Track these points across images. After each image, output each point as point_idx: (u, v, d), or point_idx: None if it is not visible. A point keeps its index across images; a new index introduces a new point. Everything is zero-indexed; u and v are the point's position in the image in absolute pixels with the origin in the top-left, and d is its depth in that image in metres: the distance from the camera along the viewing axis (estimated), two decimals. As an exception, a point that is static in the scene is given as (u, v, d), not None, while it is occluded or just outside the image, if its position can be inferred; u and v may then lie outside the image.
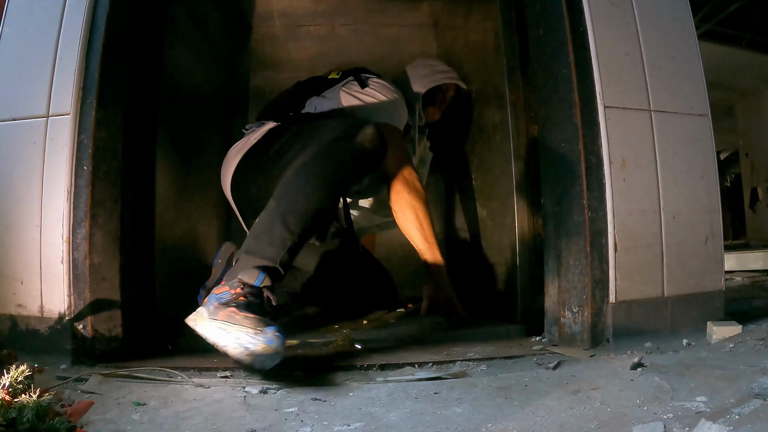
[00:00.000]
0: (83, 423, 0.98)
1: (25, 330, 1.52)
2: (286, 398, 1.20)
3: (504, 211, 2.09)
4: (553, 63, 1.67)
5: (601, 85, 1.61)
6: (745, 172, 5.83)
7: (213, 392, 1.24)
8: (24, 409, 0.85)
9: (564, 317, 1.62)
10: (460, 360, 1.50)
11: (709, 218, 1.71)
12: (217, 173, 2.13)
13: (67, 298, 1.49)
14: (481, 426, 1.01)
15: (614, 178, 1.59)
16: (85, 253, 1.50)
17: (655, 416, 1.00)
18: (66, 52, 1.57)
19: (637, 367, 1.30)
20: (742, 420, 0.94)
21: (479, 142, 2.42)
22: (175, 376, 1.37)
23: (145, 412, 1.10)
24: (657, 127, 1.66)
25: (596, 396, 1.14)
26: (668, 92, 1.70)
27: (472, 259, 2.62)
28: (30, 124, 1.56)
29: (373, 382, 1.33)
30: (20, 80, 1.60)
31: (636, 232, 1.60)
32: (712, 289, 1.70)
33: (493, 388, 1.23)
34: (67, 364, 1.46)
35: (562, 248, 1.62)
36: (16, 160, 1.57)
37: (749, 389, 1.08)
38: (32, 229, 1.53)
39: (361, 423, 1.04)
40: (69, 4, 1.60)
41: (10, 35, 1.64)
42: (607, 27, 1.65)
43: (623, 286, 1.58)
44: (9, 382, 0.92)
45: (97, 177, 1.53)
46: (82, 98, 1.55)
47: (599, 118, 1.60)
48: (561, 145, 1.64)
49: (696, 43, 1.76)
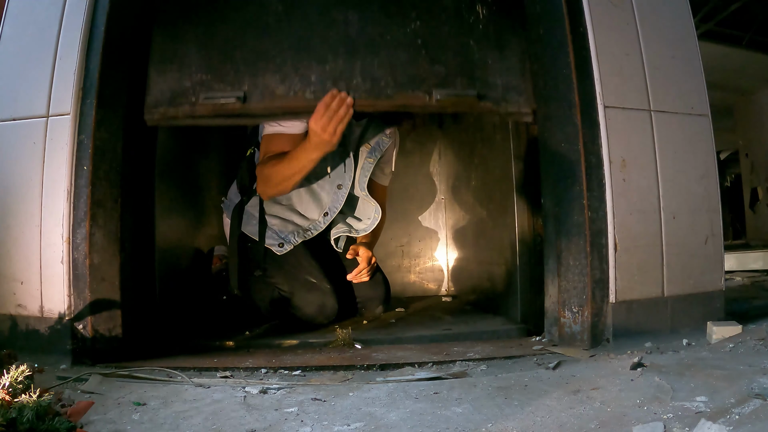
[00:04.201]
0: (83, 423, 0.98)
1: (25, 330, 1.52)
2: (286, 398, 1.20)
3: (504, 211, 2.09)
4: (553, 63, 1.67)
5: (601, 85, 1.61)
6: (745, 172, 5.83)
7: (213, 392, 1.24)
8: (24, 409, 0.85)
9: (564, 317, 1.62)
10: (460, 360, 1.50)
11: (709, 218, 1.71)
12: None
13: (67, 298, 1.49)
14: (481, 426, 1.01)
15: (614, 178, 1.59)
16: (85, 253, 1.50)
17: (655, 416, 1.00)
18: (66, 52, 1.57)
19: (637, 367, 1.30)
20: (742, 420, 0.94)
21: (479, 142, 2.42)
22: (175, 376, 1.37)
23: (145, 412, 1.10)
24: (657, 127, 1.66)
25: (596, 396, 1.14)
26: (668, 92, 1.70)
27: (472, 259, 2.62)
28: (30, 124, 1.56)
29: (373, 382, 1.33)
30: (20, 80, 1.60)
31: (636, 232, 1.60)
32: (712, 289, 1.70)
33: (493, 388, 1.23)
34: (67, 364, 1.46)
35: (562, 248, 1.62)
36: (16, 160, 1.57)
37: (749, 389, 1.09)
38: (32, 229, 1.53)
39: (361, 423, 1.04)
40: (69, 4, 1.60)
41: (10, 35, 1.65)
42: (607, 27, 1.65)
43: (623, 286, 1.58)
44: (9, 382, 0.92)
45: (97, 177, 1.54)
46: (82, 98, 1.55)
47: (599, 118, 1.60)
48: (561, 145, 1.64)
49: (696, 43, 1.76)
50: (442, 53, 1.74)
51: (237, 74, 1.68)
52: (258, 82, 1.68)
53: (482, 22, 1.77)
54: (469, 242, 2.66)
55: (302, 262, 2.11)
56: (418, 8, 1.75)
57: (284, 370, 1.44)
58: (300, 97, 1.68)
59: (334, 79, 1.69)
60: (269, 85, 1.68)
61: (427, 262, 2.96)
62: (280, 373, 1.42)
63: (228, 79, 1.68)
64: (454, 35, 1.76)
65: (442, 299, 2.77)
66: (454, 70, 1.73)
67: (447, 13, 1.77)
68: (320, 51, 1.71)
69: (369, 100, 1.70)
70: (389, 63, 1.71)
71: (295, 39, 1.72)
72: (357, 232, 2.19)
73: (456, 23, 1.76)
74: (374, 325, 2.09)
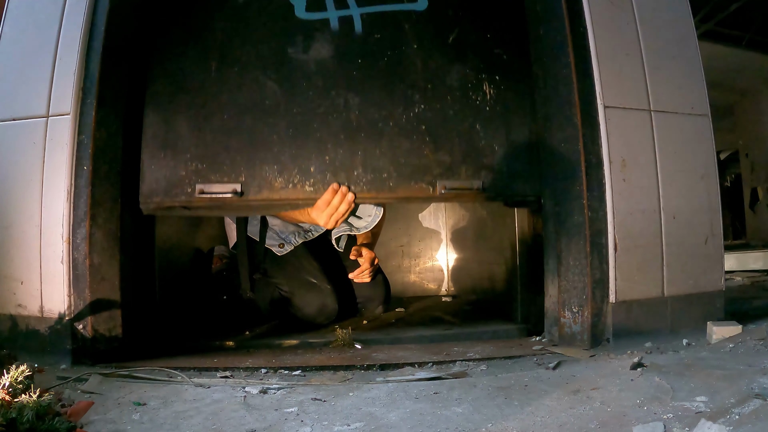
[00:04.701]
0: (83, 423, 0.98)
1: (25, 330, 1.52)
2: (286, 398, 1.20)
3: (504, 211, 2.09)
4: (553, 63, 1.67)
5: (601, 85, 1.61)
6: (745, 172, 5.84)
7: (213, 392, 1.24)
8: (24, 409, 0.85)
9: (564, 317, 1.62)
10: (460, 360, 1.50)
11: (709, 218, 1.71)
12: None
13: (67, 298, 1.49)
14: (481, 426, 1.01)
15: (614, 178, 1.59)
16: (85, 253, 1.50)
17: (655, 416, 1.00)
18: (66, 52, 1.57)
19: (637, 367, 1.30)
20: (742, 420, 0.94)
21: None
22: (175, 376, 1.37)
23: (145, 412, 1.10)
24: (657, 127, 1.66)
25: (596, 396, 1.14)
26: (668, 92, 1.70)
27: (472, 259, 2.62)
28: (30, 124, 1.56)
29: (373, 382, 1.33)
30: (20, 80, 1.60)
31: (636, 232, 1.60)
32: (712, 289, 1.70)
33: (493, 388, 1.23)
34: (67, 364, 1.46)
35: (562, 248, 1.62)
36: (16, 160, 1.57)
37: (749, 389, 1.09)
38: (32, 229, 1.53)
39: (361, 423, 1.04)
40: (69, 4, 1.60)
41: (10, 35, 1.65)
42: (607, 27, 1.66)
43: (623, 286, 1.58)
44: (9, 382, 0.92)
45: (97, 177, 1.54)
46: (82, 98, 1.55)
47: (599, 118, 1.60)
48: (561, 145, 1.64)
49: (696, 43, 1.76)
50: (447, 140, 1.68)
51: (233, 164, 1.63)
52: (255, 173, 1.63)
53: (489, 103, 1.71)
54: (469, 242, 2.66)
55: (303, 263, 2.11)
56: (422, 90, 1.69)
57: (284, 370, 1.44)
58: (299, 190, 1.64)
59: (334, 170, 1.64)
60: (267, 176, 1.63)
61: (427, 262, 2.97)
62: (280, 373, 1.42)
63: (224, 169, 1.63)
64: (460, 119, 1.69)
65: (442, 299, 2.77)
66: (459, 158, 1.68)
67: (452, 94, 1.70)
68: (320, 138, 1.65)
69: (371, 193, 1.66)
70: (392, 152, 1.65)
71: (294, 124, 1.66)
72: (358, 230, 2.19)
73: (462, 105, 1.70)
74: (374, 325, 2.09)
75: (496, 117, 1.72)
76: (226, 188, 1.62)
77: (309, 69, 1.70)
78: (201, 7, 1.75)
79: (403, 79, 1.71)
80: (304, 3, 1.74)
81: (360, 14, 1.73)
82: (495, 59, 1.76)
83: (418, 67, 1.72)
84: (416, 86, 1.71)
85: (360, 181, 1.66)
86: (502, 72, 1.75)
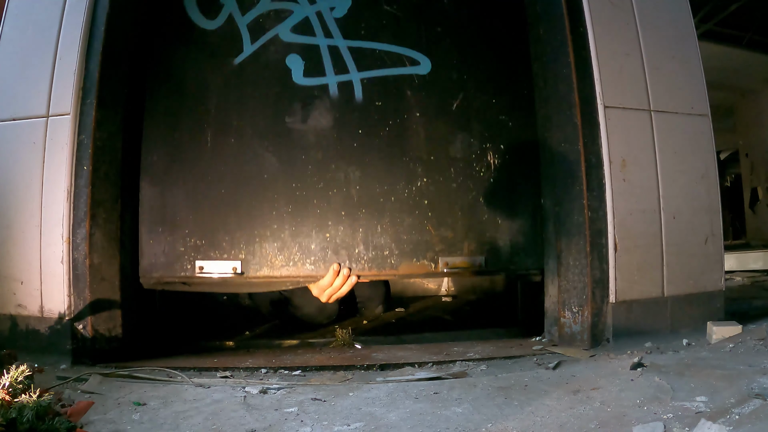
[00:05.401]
0: (83, 423, 0.98)
1: (25, 330, 1.52)
2: (286, 398, 1.20)
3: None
4: (553, 63, 1.67)
5: (601, 85, 1.61)
6: (745, 172, 5.84)
7: (213, 392, 1.24)
8: (24, 409, 0.85)
9: (564, 317, 1.62)
10: (460, 360, 1.50)
11: (709, 218, 1.71)
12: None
13: (67, 298, 1.49)
14: (481, 426, 1.01)
15: (614, 178, 1.59)
16: (85, 253, 1.50)
17: (655, 416, 1.00)
18: (66, 52, 1.57)
19: (637, 367, 1.30)
20: (742, 420, 0.94)
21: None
22: (175, 376, 1.37)
23: (145, 412, 1.10)
24: (657, 127, 1.66)
25: (596, 396, 1.14)
26: (668, 92, 1.70)
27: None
28: (30, 124, 1.56)
29: (373, 382, 1.33)
30: (20, 80, 1.60)
31: (636, 232, 1.60)
32: (712, 289, 1.70)
33: (493, 388, 1.23)
34: (67, 364, 1.46)
35: (562, 248, 1.62)
36: (16, 160, 1.57)
37: (749, 389, 1.08)
38: (32, 229, 1.53)
39: (361, 423, 1.04)
40: (69, 4, 1.60)
41: (10, 35, 1.65)
42: (607, 27, 1.66)
43: (623, 286, 1.58)
44: (9, 382, 0.92)
45: (97, 177, 1.54)
46: (82, 98, 1.55)
47: (599, 118, 1.60)
48: (561, 145, 1.64)
49: (696, 43, 1.76)
50: (450, 214, 1.66)
51: (233, 240, 1.63)
52: (255, 250, 1.63)
53: (493, 174, 1.69)
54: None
55: None
56: (425, 162, 1.67)
57: (284, 370, 1.44)
58: (300, 268, 1.65)
59: (335, 248, 1.64)
60: (267, 254, 1.63)
61: (427, 262, 2.96)
62: (280, 373, 1.42)
63: (223, 246, 1.63)
64: (463, 191, 1.67)
65: (442, 299, 2.77)
66: (461, 234, 1.66)
67: (455, 165, 1.68)
68: (320, 214, 1.64)
69: (372, 271, 1.66)
70: (393, 228, 1.64)
71: (293, 199, 1.65)
72: None
73: (465, 177, 1.68)
74: (374, 325, 2.09)
75: (500, 189, 1.70)
76: (226, 266, 1.63)
77: (308, 141, 1.68)
78: (193, 69, 1.71)
79: (405, 152, 1.68)
80: (302, 68, 1.69)
81: (360, 79, 1.70)
82: (500, 126, 1.73)
83: (420, 137, 1.69)
84: (418, 158, 1.68)
85: (361, 259, 1.65)
86: (507, 140, 1.73)
